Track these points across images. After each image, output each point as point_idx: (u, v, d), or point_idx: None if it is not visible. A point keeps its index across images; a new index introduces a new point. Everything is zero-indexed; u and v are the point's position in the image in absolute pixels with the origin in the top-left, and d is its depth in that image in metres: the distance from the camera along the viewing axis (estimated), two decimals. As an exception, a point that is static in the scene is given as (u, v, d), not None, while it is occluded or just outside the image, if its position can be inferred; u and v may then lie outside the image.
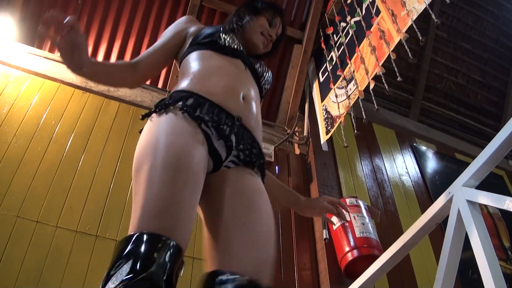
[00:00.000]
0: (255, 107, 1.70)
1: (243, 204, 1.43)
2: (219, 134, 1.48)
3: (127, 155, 3.41)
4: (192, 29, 1.90)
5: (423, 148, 5.20)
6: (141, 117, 1.56)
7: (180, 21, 1.96)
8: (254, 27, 1.97)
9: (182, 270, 1.22)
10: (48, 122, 3.37)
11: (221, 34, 1.82)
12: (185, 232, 1.24)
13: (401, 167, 4.74)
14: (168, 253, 1.15)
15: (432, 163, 5.04)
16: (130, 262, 1.09)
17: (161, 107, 1.50)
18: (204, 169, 1.42)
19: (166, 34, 1.91)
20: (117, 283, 1.05)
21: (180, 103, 1.50)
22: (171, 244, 1.16)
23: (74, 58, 1.37)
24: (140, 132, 1.52)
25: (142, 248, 1.13)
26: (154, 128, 1.44)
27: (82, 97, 3.69)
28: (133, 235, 1.16)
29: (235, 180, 1.50)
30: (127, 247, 1.13)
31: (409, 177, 4.68)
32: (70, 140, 3.33)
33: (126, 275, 1.06)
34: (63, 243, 2.77)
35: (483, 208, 4.63)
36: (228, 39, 1.82)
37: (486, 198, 1.81)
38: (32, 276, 2.57)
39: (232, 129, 1.52)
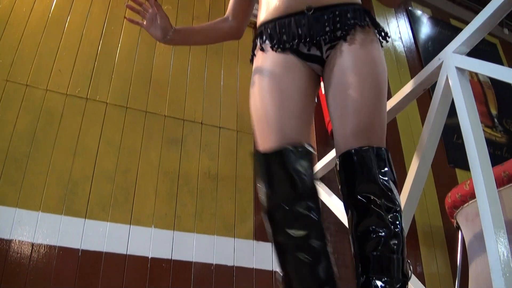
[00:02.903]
0: None
1: (339, 86, 1.57)
2: (298, 42, 1.61)
3: (114, 16, 3.29)
4: None
5: (419, 12, 5.07)
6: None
7: None
8: None
9: None
10: (30, -20, 3.20)
11: None
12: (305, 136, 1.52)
13: (395, 32, 4.66)
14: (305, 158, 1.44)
15: (426, 29, 4.95)
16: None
17: (253, 52, 1.78)
18: (301, 86, 1.59)
19: None
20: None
21: (258, 40, 1.72)
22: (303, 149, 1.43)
23: (156, 31, 1.85)
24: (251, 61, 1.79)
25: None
26: (254, 71, 1.68)
27: (63, -47, 3.47)
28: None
29: (334, 64, 1.61)
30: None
31: (402, 42, 4.62)
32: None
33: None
34: (54, 106, 2.79)
35: (473, 76, 4.66)
36: None
37: (476, 66, 1.81)
38: (25, 138, 2.62)
39: (309, 24, 1.61)
